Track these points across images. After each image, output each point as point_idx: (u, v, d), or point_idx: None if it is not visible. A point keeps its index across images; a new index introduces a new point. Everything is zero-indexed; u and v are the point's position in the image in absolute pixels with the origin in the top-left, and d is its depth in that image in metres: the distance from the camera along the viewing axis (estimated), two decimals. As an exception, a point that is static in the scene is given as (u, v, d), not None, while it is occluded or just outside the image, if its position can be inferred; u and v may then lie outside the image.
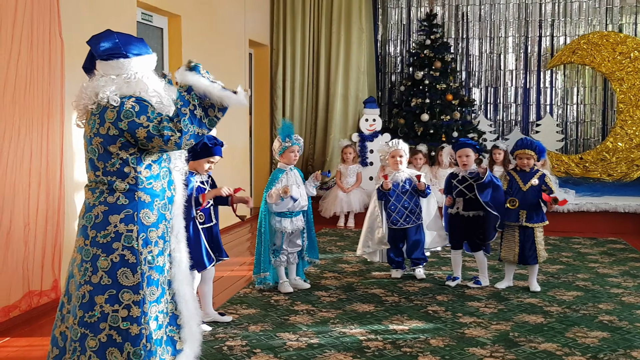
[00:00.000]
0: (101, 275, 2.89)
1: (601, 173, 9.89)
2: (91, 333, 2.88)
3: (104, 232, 2.91)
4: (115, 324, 2.87)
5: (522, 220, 5.28)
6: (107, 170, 2.94)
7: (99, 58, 3.01)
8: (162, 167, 3.06)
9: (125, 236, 2.91)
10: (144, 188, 2.96)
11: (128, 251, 2.90)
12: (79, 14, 5.30)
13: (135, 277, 2.91)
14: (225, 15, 8.32)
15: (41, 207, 4.76)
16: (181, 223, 3.14)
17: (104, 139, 2.91)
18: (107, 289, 2.88)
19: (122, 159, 2.92)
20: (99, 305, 2.88)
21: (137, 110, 2.87)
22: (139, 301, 2.89)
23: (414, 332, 4.31)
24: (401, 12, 10.85)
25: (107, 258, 2.89)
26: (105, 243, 2.90)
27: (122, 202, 2.92)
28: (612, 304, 4.97)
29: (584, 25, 10.23)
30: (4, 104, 4.41)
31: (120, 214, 2.91)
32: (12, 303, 4.53)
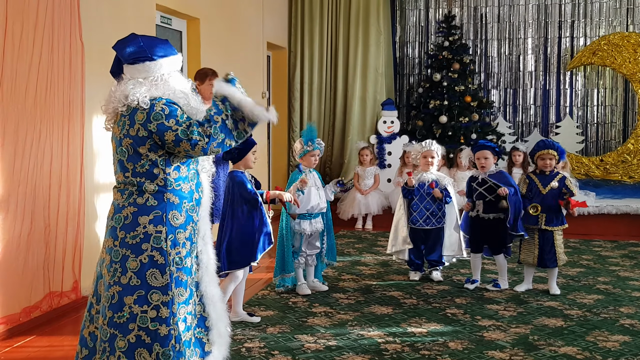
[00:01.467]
0: (130, 275, 2.89)
1: (622, 175, 9.78)
2: (120, 333, 2.88)
3: (133, 233, 2.92)
4: (144, 324, 2.87)
5: (542, 223, 5.24)
6: (136, 172, 2.96)
7: (126, 62, 3.05)
8: (191, 169, 3.06)
9: (154, 237, 2.91)
10: (173, 189, 2.97)
11: (157, 252, 2.91)
12: (99, 18, 5.35)
13: (164, 277, 2.90)
14: (243, 18, 8.35)
15: (62, 208, 4.81)
16: (207, 225, 3.13)
17: (133, 140, 2.94)
18: (136, 290, 2.88)
19: (151, 161, 2.93)
20: (128, 306, 2.88)
21: (166, 113, 2.88)
22: (168, 302, 2.89)
23: (432, 335, 4.30)
24: (419, 13, 10.82)
25: (136, 259, 2.90)
26: (134, 244, 2.91)
27: (151, 203, 2.94)
28: (634, 308, 4.91)
29: (605, 26, 10.14)
30: (25, 107, 4.46)
31: (150, 215, 2.92)
32: (34, 304, 4.58)
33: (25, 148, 4.46)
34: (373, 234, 8.29)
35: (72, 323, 4.67)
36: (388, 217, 8.57)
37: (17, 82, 4.38)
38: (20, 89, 4.42)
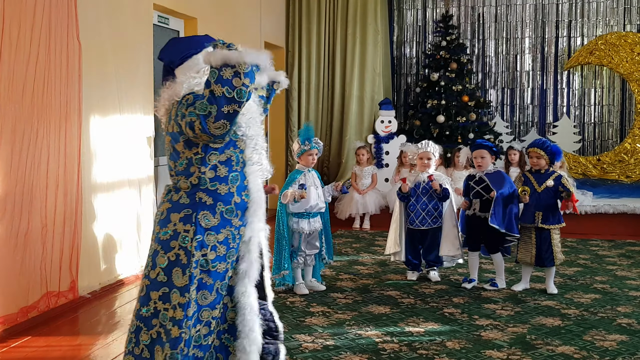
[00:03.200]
0: (158, 271, 2.89)
1: (619, 174, 9.80)
2: (145, 327, 2.88)
3: (165, 229, 2.90)
4: (163, 322, 2.85)
5: (538, 221, 5.25)
6: (177, 170, 2.95)
7: (177, 65, 2.98)
8: (233, 170, 2.93)
9: (181, 236, 2.87)
10: (207, 189, 2.89)
11: (182, 251, 2.86)
12: (96, 18, 5.35)
13: (184, 278, 2.85)
14: (241, 17, 8.35)
15: (59, 208, 4.81)
16: (256, 232, 2.99)
17: (171, 137, 2.93)
18: (162, 286, 2.87)
19: (187, 159, 2.89)
20: (153, 301, 2.88)
21: (189, 102, 2.80)
22: (184, 304, 2.83)
23: (430, 335, 4.30)
24: (417, 13, 10.82)
25: (164, 255, 2.88)
26: (164, 240, 2.89)
27: (183, 201, 2.90)
28: (631, 307, 4.92)
29: (602, 26, 10.15)
30: (22, 107, 4.45)
31: (180, 213, 2.89)
32: (31, 304, 4.57)
33: (23, 148, 4.46)
34: (371, 233, 8.29)
35: (70, 323, 4.67)
36: (386, 217, 8.58)
37: (15, 81, 4.38)
38: (18, 88, 4.41)
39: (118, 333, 4.42)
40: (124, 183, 5.72)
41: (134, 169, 5.86)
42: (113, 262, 5.59)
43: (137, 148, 5.94)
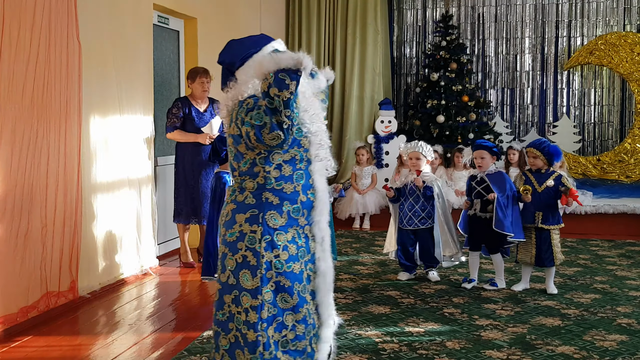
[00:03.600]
0: (228, 274, 2.85)
1: (619, 175, 9.79)
2: (223, 332, 2.85)
3: (231, 230, 2.86)
4: (238, 326, 2.81)
5: (538, 221, 5.26)
6: (241, 171, 2.90)
7: (237, 67, 2.94)
8: (298, 169, 2.88)
9: (248, 237, 2.82)
10: (273, 189, 2.84)
11: (250, 252, 2.81)
12: (96, 18, 5.35)
13: (254, 280, 2.79)
14: (240, 17, 8.35)
15: (59, 208, 4.81)
16: (325, 231, 2.95)
17: (233, 139, 2.89)
18: (233, 289, 2.83)
19: (251, 159, 2.85)
20: (227, 305, 2.84)
21: (249, 107, 2.78)
22: (257, 306, 2.77)
23: (429, 335, 4.30)
24: (417, 13, 10.82)
25: (232, 257, 2.84)
26: (231, 242, 2.85)
27: (249, 201, 2.85)
28: (631, 307, 4.92)
29: (602, 26, 10.15)
30: (22, 107, 4.46)
31: (246, 214, 2.84)
32: (31, 304, 4.57)
33: (22, 147, 4.46)
34: (371, 233, 8.29)
35: (70, 323, 4.67)
36: (385, 217, 8.57)
37: (14, 81, 4.38)
38: (17, 88, 4.41)
39: (118, 333, 4.42)
40: (124, 183, 5.72)
41: (134, 169, 5.86)
42: (113, 262, 5.60)
43: (137, 148, 5.95)
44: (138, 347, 4.14)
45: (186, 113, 6.24)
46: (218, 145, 4.44)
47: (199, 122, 6.27)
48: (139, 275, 5.86)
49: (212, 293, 5.51)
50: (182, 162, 6.29)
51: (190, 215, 6.30)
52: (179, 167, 6.32)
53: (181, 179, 6.30)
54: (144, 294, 5.47)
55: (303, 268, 2.88)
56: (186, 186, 6.27)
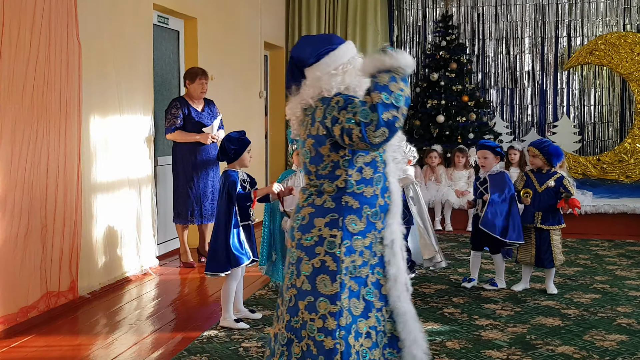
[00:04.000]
0: (303, 279, 2.75)
1: (619, 174, 9.80)
2: (296, 339, 2.75)
3: (308, 234, 2.77)
4: (312, 333, 2.70)
5: (537, 222, 5.26)
6: (319, 174, 2.79)
7: (310, 64, 2.85)
8: (377, 172, 2.80)
9: (328, 241, 2.73)
10: (353, 193, 2.75)
11: (329, 257, 2.72)
12: (96, 18, 5.35)
13: (333, 286, 2.70)
14: (240, 17, 8.35)
15: (59, 208, 4.81)
16: (396, 234, 2.86)
17: (314, 140, 2.77)
18: (307, 295, 2.73)
19: (333, 162, 2.75)
20: (301, 311, 2.74)
21: (340, 105, 2.67)
22: (336, 313, 2.68)
23: (429, 334, 4.30)
24: (416, 13, 10.82)
25: (309, 262, 2.74)
26: (308, 246, 2.76)
27: (328, 205, 2.76)
28: (631, 307, 4.92)
29: (602, 26, 10.15)
30: (22, 106, 4.45)
31: (326, 218, 2.75)
32: (31, 304, 4.57)
33: (22, 148, 4.46)
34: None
35: (69, 323, 4.67)
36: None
37: (14, 81, 4.38)
38: (17, 88, 4.41)
39: (118, 333, 4.42)
40: (124, 183, 5.72)
41: (134, 169, 5.86)
42: (113, 262, 5.59)
43: (137, 148, 5.94)
44: (138, 347, 4.14)
45: (185, 113, 6.24)
46: (226, 145, 4.47)
47: (206, 122, 6.28)
48: (139, 275, 5.86)
49: (212, 293, 5.51)
50: (182, 163, 6.28)
51: (190, 215, 6.30)
52: (179, 168, 6.31)
53: (181, 180, 6.29)
54: (144, 294, 5.47)
55: (368, 272, 2.80)
56: (186, 186, 6.26)
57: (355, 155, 2.74)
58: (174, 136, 6.24)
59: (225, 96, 7.62)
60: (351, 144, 2.64)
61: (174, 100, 6.34)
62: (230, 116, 7.27)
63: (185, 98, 6.34)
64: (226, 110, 7.12)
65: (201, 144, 6.24)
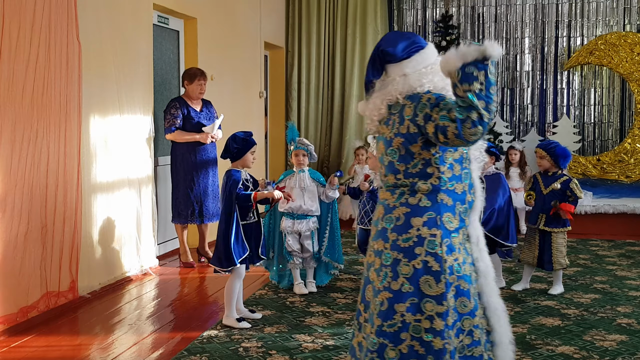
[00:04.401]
0: (402, 281, 2.68)
1: (619, 175, 9.79)
2: (391, 343, 2.68)
3: (405, 235, 2.71)
4: (417, 334, 2.65)
5: (540, 223, 5.25)
6: (408, 172, 2.74)
7: (399, 59, 2.80)
8: (464, 167, 2.78)
9: (428, 241, 2.68)
10: (447, 190, 2.72)
11: (431, 257, 2.68)
12: (96, 18, 5.35)
13: (438, 286, 2.66)
14: (240, 17, 8.35)
15: (59, 208, 4.81)
16: (479, 231, 2.85)
17: (404, 138, 2.71)
18: (409, 297, 2.67)
19: (425, 159, 2.71)
20: (399, 314, 2.67)
21: (431, 102, 2.64)
22: (443, 313, 2.65)
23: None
24: (416, 13, 10.82)
25: (409, 263, 2.69)
26: (407, 247, 2.70)
27: (424, 204, 2.71)
28: (631, 307, 4.92)
29: (602, 26, 10.15)
30: (22, 107, 4.46)
31: (423, 217, 2.70)
32: (31, 304, 4.57)
33: (22, 148, 4.46)
34: (370, 233, 8.29)
35: (70, 323, 4.67)
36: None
37: (14, 81, 4.38)
38: (17, 88, 4.41)
39: (118, 333, 4.42)
40: (124, 183, 5.72)
41: (134, 169, 5.86)
42: (113, 262, 5.59)
43: (137, 148, 5.94)
44: (138, 347, 4.14)
45: (184, 113, 6.24)
46: (230, 143, 4.50)
47: (205, 122, 6.28)
48: (139, 275, 5.86)
49: (212, 293, 5.51)
50: (181, 163, 6.28)
51: (190, 215, 6.30)
52: (178, 168, 6.31)
53: (180, 180, 6.29)
54: (144, 294, 5.47)
55: (471, 270, 2.79)
56: (186, 186, 6.26)
57: (445, 152, 2.71)
58: (173, 136, 6.24)
59: (225, 96, 7.62)
60: (446, 142, 2.59)
61: (173, 101, 6.34)
62: (230, 116, 7.27)
63: (184, 98, 6.34)
64: (226, 110, 7.12)
65: (200, 144, 6.24)
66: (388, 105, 2.80)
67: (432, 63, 2.81)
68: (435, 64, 2.79)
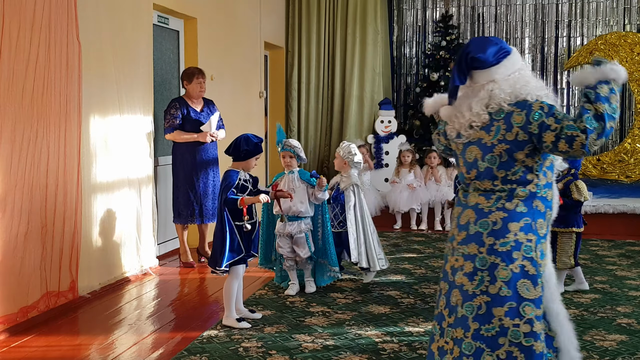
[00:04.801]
0: (500, 285, 2.72)
1: (619, 174, 9.79)
2: (488, 348, 2.71)
3: (503, 239, 2.75)
4: (516, 339, 2.69)
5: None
6: (507, 179, 2.78)
7: (490, 65, 2.82)
8: (553, 174, 2.86)
9: (524, 246, 2.74)
10: (541, 197, 2.80)
11: (528, 262, 2.74)
12: (96, 18, 5.35)
13: (536, 290, 2.73)
14: (240, 17, 8.35)
15: (59, 208, 4.81)
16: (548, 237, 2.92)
17: (510, 145, 2.74)
18: (507, 301, 2.71)
19: (526, 167, 2.76)
20: (497, 318, 2.71)
21: (545, 111, 2.69)
22: (540, 316, 2.72)
23: (429, 335, 4.29)
24: (416, 13, 10.82)
25: (506, 268, 2.73)
26: (505, 252, 2.74)
27: (521, 209, 2.77)
28: (631, 307, 4.92)
29: (601, 26, 10.15)
30: (22, 106, 4.46)
31: (520, 222, 2.75)
32: (31, 304, 4.57)
33: (22, 147, 4.46)
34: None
35: (70, 323, 4.67)
36: (385, 218, 8.59)
37: (14, 81, 4.38)
38: (17, 88, 4.41)
39: (118, 333, 4.42)
40: (124, 183, 5.72)
41: (134, 169, 5.86)
42: (113, 262, 5.59)
43: (137, 148, 5.94)
44: (138, 347, 4.14)
45: (184, 113, 6.24)
46: (242, 143, 4.49)
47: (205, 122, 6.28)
48: (139, 275, 5.86)
49: (212, 293, 5.51)
50: (182, 163, 6.28)
51: (190, 215, 6.30)
52: (179, 168, 6.31)
53: (181, 179, 6.29)
54: (144, 294, 5.47)
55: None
56: (186, 186, 6.27)
57: (545, 159, 2.79)
58: (172, 136, 6.25)
59: (225, 96, 7.62)
60: (567, 151, 2.64)
61: (173, 101, 6.34)
62: (230, 116, 7.28)
63: (185, 98, 6.35)
64: (226, 110, 7.12)
65: (201, 144, 6.24)
66: (489, 113, 2.81)
67: (519, 68, 2.85)
68: (522, 69, 2.85)
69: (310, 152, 10.06)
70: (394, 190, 8.50)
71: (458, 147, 2.95)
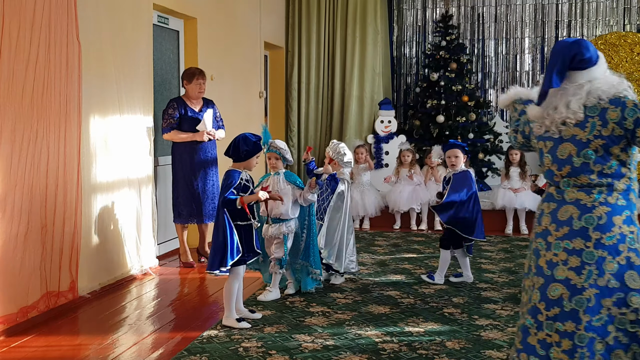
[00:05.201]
0: (608, 278, 2.84)
1: (619, 175, 9.80)
2: (599, 336, 2.84)
3: (609, 233, 2.87)
4: (622, 326, 2.84)
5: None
6: (603, 173, 2.89)
7: (589, 65, 2.97)
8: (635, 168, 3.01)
9: (628, 238, 2.88)
10: (633, 189, 2.95)
11: (633, 253, 2.87)
12: (96, 18, 5.35)
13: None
14: (240, 17, 8.35)
15: (58, 208, 4.81)
16: None
17: (607, 140, 2.86)
18: (615, 293, 2.84)
19: (621, 161, 2.89)
20: (605, 308, 2.84)
21: (639, 108, 2.84)
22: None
23: (429, 335, 4.30)
24: (416, 13, 10.83)
25: (613, 260, 2.85)
26: (611, 245, 2.86)
27: (621, 202, 2.90)
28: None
29: (602, 26, 10.15)
30: (22, 107, 4.46)
31: (622, 215, 2.89)
32: (31, 304, 4.57)
33: (22, 148, 4.46)
34: (370, 233, 8.29)
35: (69, 323, 4.67)
36: (385, 218, 8.59)
37: (14, 81, 4.38)
38: (17, 88, 4.41)
39: (118, 333, 4.42)
40: (124, 183, 5.72)
41: (134, 169, 5.86)
42: (113, 262, 5.59)
43: (137, 148, 5.94)
44: (138, 347, 4.14)
45: (182, 113, 6.24)
46: (241, 144, 4.49)
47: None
48: (139, 275, 5.86)
49: (212, 293, 5.51)
50: (181, 162, 6.28)
51: (190, 215, 6.30)
52: (178, 168, 6.31)
53: (180, 179, 6.29)
54: (144, 294, 5.47)
55: None
56: (186, 186, 6.27)
57: (635, 153, 2.92)
58: (170, 136, 6.25)
59: (225, 96, 7.62)
60: None
61: (172, 101, 6.34)
62: (230, 116, 7.28)
63: (183, 98, 6.35)
64: (226, 110, 7.12)
65: (199, 143, 6.25)
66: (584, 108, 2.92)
67: (606, 68, 3.03)
68: (607, 67, 3.03)
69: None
70: (394, 190, 8.50)
71: (546, 144, 3.03)
